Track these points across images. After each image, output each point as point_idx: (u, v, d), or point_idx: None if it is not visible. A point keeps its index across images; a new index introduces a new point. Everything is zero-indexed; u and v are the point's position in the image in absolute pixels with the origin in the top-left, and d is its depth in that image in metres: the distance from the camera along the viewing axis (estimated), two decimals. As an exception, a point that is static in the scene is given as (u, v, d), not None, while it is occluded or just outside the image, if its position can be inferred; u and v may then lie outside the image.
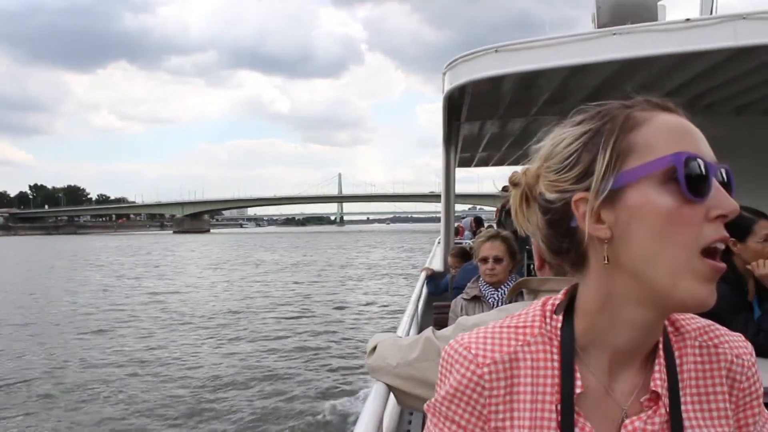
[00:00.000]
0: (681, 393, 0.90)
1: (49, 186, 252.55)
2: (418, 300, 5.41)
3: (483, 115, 6.86)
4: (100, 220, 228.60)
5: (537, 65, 4.49)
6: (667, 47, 4.05)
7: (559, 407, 0.86)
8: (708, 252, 0.80)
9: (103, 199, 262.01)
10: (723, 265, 0.81)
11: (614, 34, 4.17)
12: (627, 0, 4.58)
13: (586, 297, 0.88)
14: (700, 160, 0.81)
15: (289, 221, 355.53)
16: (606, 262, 0.83)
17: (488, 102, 5.98)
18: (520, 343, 0.89)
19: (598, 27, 4.64)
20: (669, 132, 0.84)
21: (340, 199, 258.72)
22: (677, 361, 0.92)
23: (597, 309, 0.87)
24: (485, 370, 0.87)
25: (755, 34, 3.86)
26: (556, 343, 0.89)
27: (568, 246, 0.89)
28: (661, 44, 4.04)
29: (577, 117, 0.91)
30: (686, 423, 0.89)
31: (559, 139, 0.89)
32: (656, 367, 0.90)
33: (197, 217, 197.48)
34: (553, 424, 0.86)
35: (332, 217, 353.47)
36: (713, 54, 4.40)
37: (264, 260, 43.23)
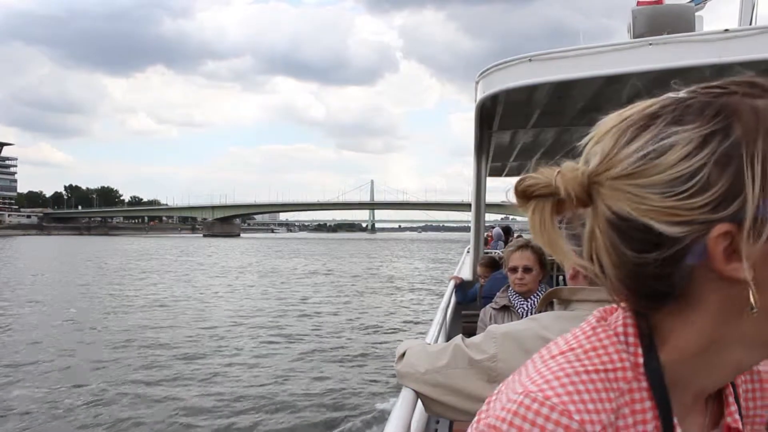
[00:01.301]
0: (745, 420, 0.81)
1: (84, 187, 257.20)
2: (447, 308, 5.40)
3: (515, 125, 6.84)
4: (133, 221, 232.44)
5: (571, 75, 4.48)
6: (705, 58, 4.01)
7: None
8: None
9: (135, 201, 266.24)
10: None
11: (650, 44, 4.14)
12: (664, 10, 4.55)
13: (685, 336, 0.71)
14: None
15: (321, 227, 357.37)
16: (752, 309, 0.66)
17: (520, 111, 5.96)
18: (616, 392, 0.69)
19: (634, 37, 4.60)
20: None
21: (372, 206, 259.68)
22: (737, 383, 0.82)
23: (700, 350, 0.71)
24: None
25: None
26: (645, 385, 0.70)
27: (667, 288, 0.68)
28: (699, 55, 4.00)
29: (665, 114, 0.67)
30: None
31: (664, 145, 0.65)
32: (731, 402, 0.78)
33: (228, 221, 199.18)
34: None
35: (364, 224, 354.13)
36: (752, 65, 4.33)
37: (279, 268, 43.23)
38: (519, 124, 6.68)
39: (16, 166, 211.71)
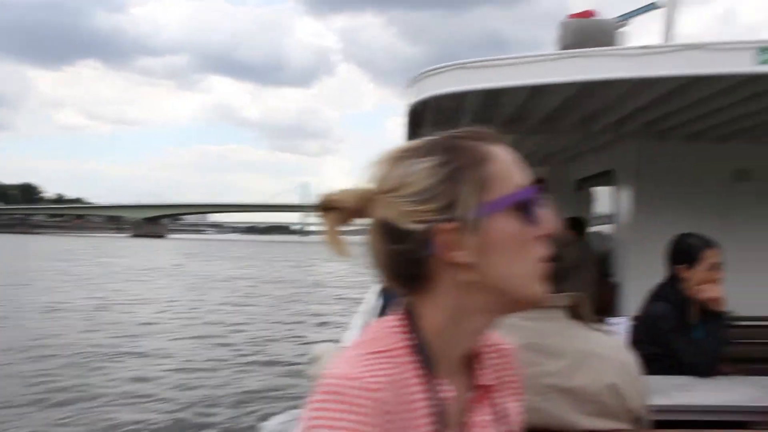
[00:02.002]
0: (494, 383, 1.06)
1: (4, 183, 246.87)
2: (370, 311, 5.42)
3: (445, 131, 6.89)
4: (56, 220, 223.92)
5: (499, 83, 4.55)
6: (623, 72, 4.15)
7: (434, 420, 0.92)
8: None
9: (59, 199, 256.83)
10: (548, 260, 0.99)
11: (574, 56, 4.26)
12: (589, 24, 4.68)
13: (435, 314, 0.97)
14: (537, 190, 0.98)
15: (252, 229, 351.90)
16: (466, 283, 0.94)
17: (450, 118, 6.02)
18: (394, 364, 0.92)
19: (561, 49, 4.71)
20: (510, 164, 0.98)
21: (304, 208, 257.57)
22: (486, 356, 1.07)
23: (446, 323, 0.96)
24: (385, 394, 0.88)
25: (708, 64, 3.97)
26: (415, 359, 0.94)
27: (415, 271, 0.96)
28: (618, 69, 4.13)
29: (420, 149, 0.98)
30: (504, 408, 1.07)
31: (411, 170, 0.95)
32: (480, 365, 1.04)
33: (155, 221, 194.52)
34: None
35: (296, 227, 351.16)
36: (667, 81, 4.52)
37: (195, 271, 41.87)
38: (449, 130, 6.75)
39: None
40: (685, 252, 3.32)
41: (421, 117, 6.14)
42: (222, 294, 26.39)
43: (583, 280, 1.81)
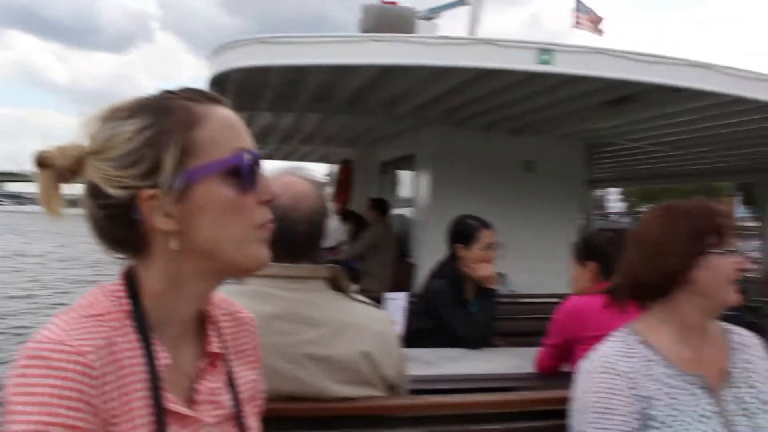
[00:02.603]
0: (228, 351, 1.05)
1: None
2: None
3: (248, 107, 6.78)
4: None
5: (302, 61, 4.54)
6: (423, 59, 4.30)
7: (149, 386, 0.89)
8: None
9: None
10: (272, 225, 0.97)
11: (374, 40, 4.35)
12: (389, 10, 4.80)
13: (153, 279, 0.93)
14: (254, 156, 0.94)
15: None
16: (176, 250, 0.90)
17: (253, 94, 5.93)
18: (109, 328, 0.88)
19: (362, 32, 4.80)
20: (227, 128, 0.94)
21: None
22: (219, 325, 1.05)
23: (164, 288, 0.93)
24: (92, 357, 0.83)
25: (497, 59, 4.22)
26: (132, 324, 0.90)
27: (128, 236, 0.92)
28: (417, 56, 4.27)
29: (129, 108, 0.91)
30: (236, 375, 1.05)
31: (115, 132, 0.89)
32: (211, 333, 1.02)
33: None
34: (147, 402, 0.89)
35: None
36: (462, 71, 4.74)
37: None
38: (252, 106, 6.64)
39: None
40: (462, 232, 3.50)
41: (221, 90, 5.97)
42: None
43: (321, 249, 1.82)
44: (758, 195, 8.51)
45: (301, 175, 1.79)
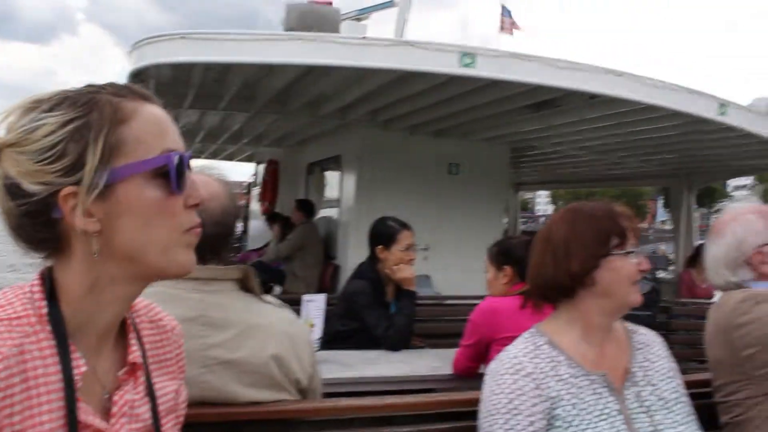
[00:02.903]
0: (148, 361, 1.00)
1: None
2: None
3: (171, 105, 6.61)
4: None
5: (224, 58, 4.46)
6: (345, 60, 4.28)
7: (63, 396, 0.83)
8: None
9: None
10: (199, 229, 0.94)
11: (299, 39, 4.31)
12: (313, 9, 4.77)
13: (72, 282, 0.88)
14: (184, 158, 0.90)
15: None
16: (96, 252, 0.85)
17: (176, 90, 5.80)
18: (21, 334, 0.82)
19: (286, 30, 4.75)
20: (155, 126, 0.89)
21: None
22: (141, 334, 1.01)
23: (84, 292, 0.87)
24: (1, 366, 0.78)
25: (419, 61, 4.25)
26: (48, 329, 0.85)
27: (46, 236, 0.87)
28: (340, 56, 4.25)
29: (52, 101, 0.86)
30: (156, 387, 1.00)
31: (36, 124, 0.84)
32: (132, 341, 0.97)
33: None
34: (59, 414, 0.83)
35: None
36: (384, 73, 4.75)
37: None
38: (175, 103, 6.50)
39: None
40: (382, 233, 3.50)
41: (144, 87, 5.79)
42: None
43: (232, 251, 1.78)
44: (673, 199, 8.82)
45: (211, 175, 1.75)
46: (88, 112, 0.85)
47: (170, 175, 0.88)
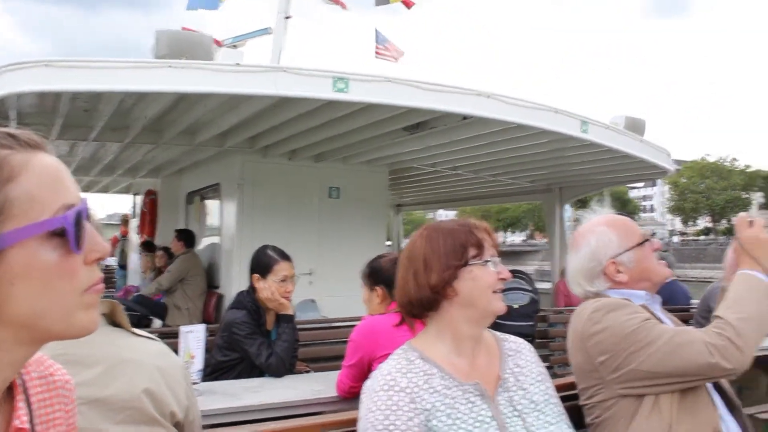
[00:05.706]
0: (35, 422, 0.89)
1: None
2: None
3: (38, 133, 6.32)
4: None
5: (92, 86, 4.31)
6: (218, 87, 4.25)
7: None
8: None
9: None
10: (102, 286, 0.85)
11: (170, 66, 4.23)
12: (185, 36, 4.69)
13: None
14: (81, 212, 0.80)
15: None
16: None
17: (42, 120, 5.55)
18: None
19: (156, 58, 4.65)
20: (50, 180, 0.79)
21: None
22: (30, 393, 0.90)
23: None
24: None
25: (293, 87, 4.27)
26: None
27: None
28: (212, 83, 4.21)
29: None
30: None
31: None
32: (19, 404, 0.87)
33: None
34: None
35: None
36: (258, 99, 4.75)
37: None
38: (41, 134, 6.21)
39: None
40: (259, 263, 3.50)
41: (4, 116, 5.53)
42: None
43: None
44: (546, 213, 9.22)
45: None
46: None
47: (68, 235, 0.78)
